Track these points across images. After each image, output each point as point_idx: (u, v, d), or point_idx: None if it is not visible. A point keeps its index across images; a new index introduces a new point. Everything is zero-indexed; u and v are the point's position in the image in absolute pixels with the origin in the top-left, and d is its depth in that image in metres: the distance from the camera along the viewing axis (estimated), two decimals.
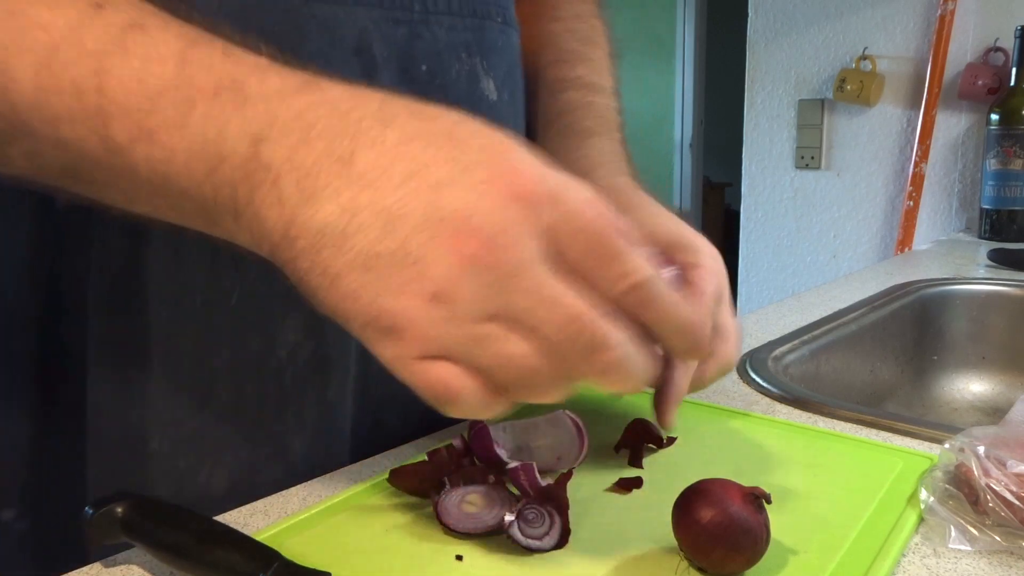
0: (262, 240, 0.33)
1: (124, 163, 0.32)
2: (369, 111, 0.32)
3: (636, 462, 0.50)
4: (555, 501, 0.41)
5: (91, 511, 0.39)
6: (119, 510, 0.39)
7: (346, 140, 0.31)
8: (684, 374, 0.46)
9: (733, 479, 0.39)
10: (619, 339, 0.32)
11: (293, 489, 0.49)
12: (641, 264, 0.33)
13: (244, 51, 0.33)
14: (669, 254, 0.47)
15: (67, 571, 0.40)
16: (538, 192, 0.31)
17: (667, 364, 0.44)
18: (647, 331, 0.34)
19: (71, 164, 0.33)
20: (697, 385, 0.48)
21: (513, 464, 0.43)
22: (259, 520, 0.46)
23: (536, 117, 0.61)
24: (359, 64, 0.47)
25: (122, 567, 0.42)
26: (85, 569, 0.42)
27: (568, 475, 0.43)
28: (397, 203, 0.31)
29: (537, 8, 0.66)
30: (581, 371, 0.33)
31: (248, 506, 0.48)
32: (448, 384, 0.32)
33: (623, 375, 0.33)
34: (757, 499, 0.36)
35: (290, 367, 0.50)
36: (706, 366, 0.48)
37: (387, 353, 0.32)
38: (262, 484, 0.49)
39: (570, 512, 0.41)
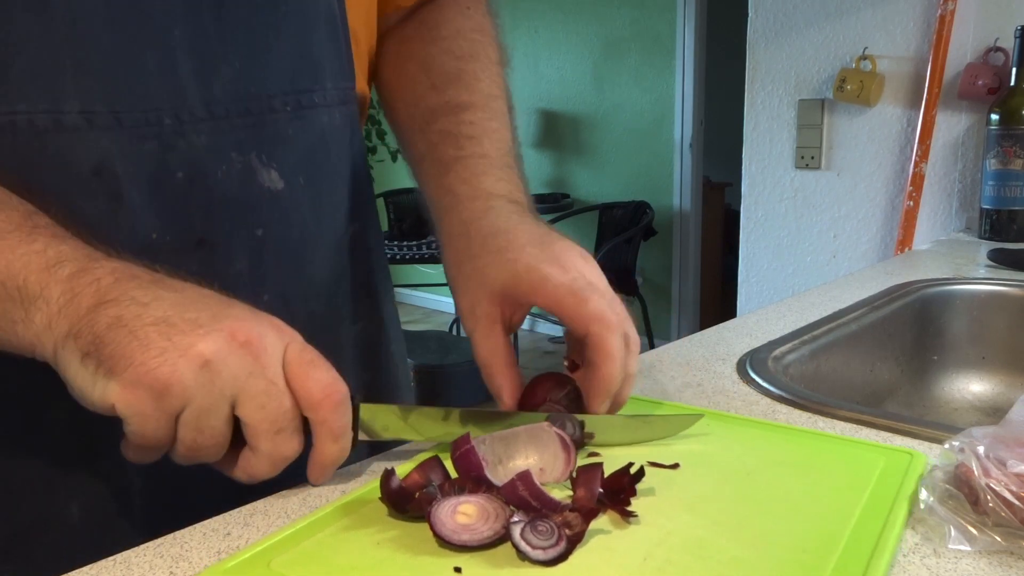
0: (70, 312, 0.41)
1: None
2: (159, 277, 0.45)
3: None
4: (580, 511, 0.41)
5: None
6: None
7: (148, 280, 0.44)
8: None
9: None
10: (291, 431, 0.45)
11: (294, 489, 0.50)
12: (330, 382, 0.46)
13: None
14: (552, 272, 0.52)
15: None
16: (280, 326, 0.46)
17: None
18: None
19: None
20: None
21: (503, 482, 0.43)
22: (259, 520, 0.46)
23: (415, 155, 0.64)
24: (99, 184, 0.48)
25: (121, 567, 0.42)
26: (85, 569, 0.42)
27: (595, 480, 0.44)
28: (190, 301, 0.44)
29: (420, 30, 0.67)
30: (259, 444, 0.45)
31: (248, 506, 0.48)
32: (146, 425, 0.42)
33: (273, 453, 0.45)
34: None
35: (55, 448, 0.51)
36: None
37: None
38: (40, 545, 0.51)
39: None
